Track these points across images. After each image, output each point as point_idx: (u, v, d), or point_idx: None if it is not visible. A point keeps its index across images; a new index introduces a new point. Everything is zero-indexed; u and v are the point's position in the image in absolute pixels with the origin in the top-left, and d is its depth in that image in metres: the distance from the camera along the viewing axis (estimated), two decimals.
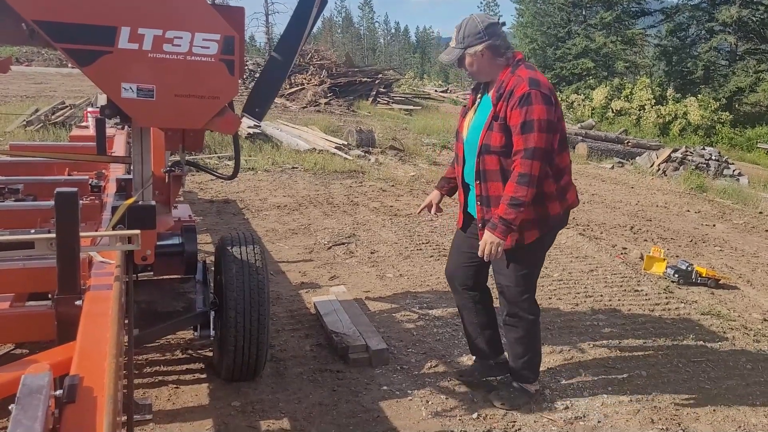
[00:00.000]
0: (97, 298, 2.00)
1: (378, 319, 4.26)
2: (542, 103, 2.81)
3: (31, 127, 10.50)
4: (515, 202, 2.82)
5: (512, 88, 2.86)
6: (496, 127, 2.88)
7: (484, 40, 2.92)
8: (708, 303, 5.13)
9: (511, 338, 3.25)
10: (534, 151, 2.79)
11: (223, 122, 2.44)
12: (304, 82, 19.71)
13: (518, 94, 2.82)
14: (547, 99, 2.83)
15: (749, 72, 32.97)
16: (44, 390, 1.30)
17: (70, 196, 1.94)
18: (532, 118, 2.79)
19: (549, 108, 2.82)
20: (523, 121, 2.80)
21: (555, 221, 3.06)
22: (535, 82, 2.84)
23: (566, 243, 6.58)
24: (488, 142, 2.91)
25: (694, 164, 14.13)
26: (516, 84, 2.86)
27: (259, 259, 3.09)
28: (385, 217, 7.04)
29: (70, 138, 5.69)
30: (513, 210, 2.83)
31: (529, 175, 2.81)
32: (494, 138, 2.89)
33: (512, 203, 2.83)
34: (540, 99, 2.81)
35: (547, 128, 2.81)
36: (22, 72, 20.95)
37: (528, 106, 2.79)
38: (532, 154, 2.79)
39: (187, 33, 2.24)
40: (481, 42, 2.92)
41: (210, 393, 3.15)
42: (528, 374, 3.30)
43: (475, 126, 3.04)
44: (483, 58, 2.95)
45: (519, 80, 2.86)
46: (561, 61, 40.31)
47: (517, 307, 3.15)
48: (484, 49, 2.92)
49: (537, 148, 2.80)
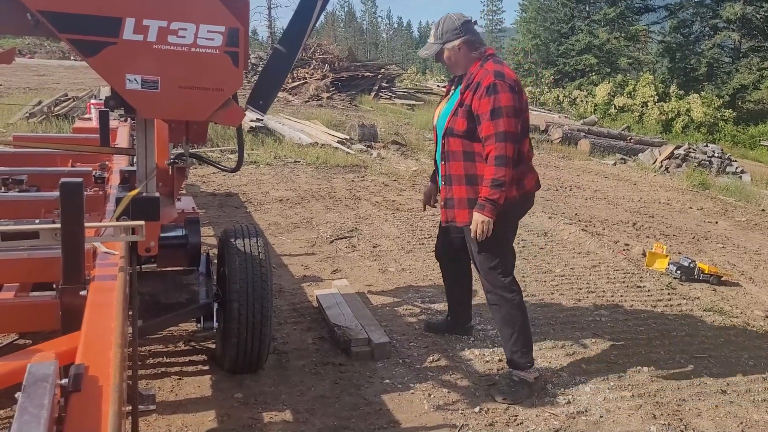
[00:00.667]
0: (101, 288, 2.00)
1: (380, 312, 4.26)
2: (508, 92, 3.10)
3: (34, 119, 10.50)
4: (496, 182, 3.10)
5: (479, 79, 3.16)
6: (461, 113, 3.20)
7: (461, 35, 3.25)
8: (710, 300, 5.13)
9: (497, 320, 3.43)
10: (505, 134, 3.08)
11: (227, 114, 2.44)
12: (306, 76, 19.69)
13: (485, 84, 3.12)
14: (512, 88, 3.13)
15: (753, 69, 32.86)
16: (50, 378, 1.30)
17: (74, 187, 1.94)
18: (500, 105, 3.08)
19: (514, 96, 3.12)
20: (492, 108, 3.08)
21: (511, 204, 3.24)
22: (500, 74, 3.14)
23: (568, 239, 6.58)
24: (452, 126, 3.23)
25: (697, 161, 14.10)
26: (483, 76, 3.16)
27: (262, 251, 3.10)
28: (388, 212, 7.04)
29: (73, 130, 5.69)
30: (496, 190, 3.10)
31: (505, 156, 3.09)
32: (458, 123, 3.21)
33: (494, 184, 3.10)
34: (506, 88, 3.10)
35: (514, 114, 3.11)
36: (25, 64, 20.95)
37: (496, 95, 3.09)
38: (504, 137, 3.08)
39: (191, 24, 2.23)
40: (458, 37, 3.25)
41: (213, 384, 3.16)
42: (521, 359, 3.35)
43: (444, 112, 3.36)
44: (460, 52, 3.27)
45: (486, 72, 3.16)
46: (564, 57, 40.22)
47: (495, 287, 3.34)
48: (460, 44, 3.25)
49: (507, 131, 3.09)
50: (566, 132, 16.57)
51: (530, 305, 4.60)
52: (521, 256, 5.83)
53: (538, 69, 41.84)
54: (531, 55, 43.82)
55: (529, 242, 6.32)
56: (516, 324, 3.34)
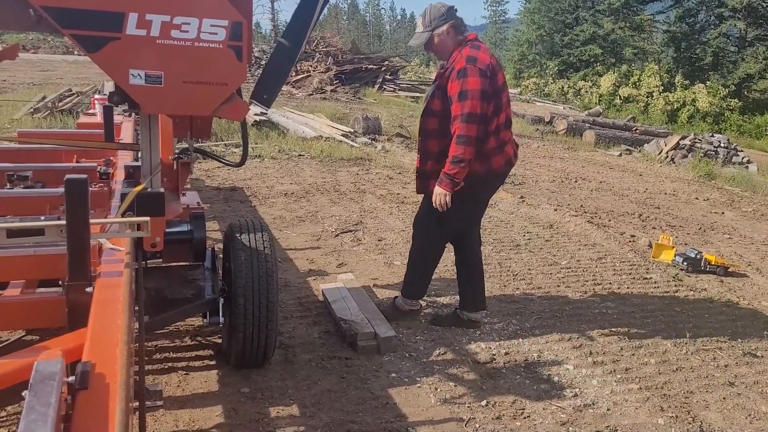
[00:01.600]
0: (107, 285, 2.00)
1: (386, 306, 4.25)
2: (477, 76, 3.34)
3: (39, 115, 10.51)
4: (456, 159, 3.39)
5: (454, 64, 3.42)
6: (437, 93, 3.53)
7: (448, 20, 3.50)
8: (717, 291, 5.11)
9: (462, 271, 3.94)
10: (469, 116, 3.34)
11: (231, 109, 2.43)
12: (310, 69, 19.65)
13: (457, 68, 3.37)
14: (482, 72, 3.36)
15: (759, 58, 32.64)
16: (57, 376, 1.30)
17: (79, 183, 1.93)
18: (467, 88, 3.33)
19: (483, 80, 3.35)
20: (460, 91, 3.34)
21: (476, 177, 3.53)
22: (473, 59, 3.38)
23: (574, 230, 6.56)
24: (430, 106, 3.58)
25: (703, 151, 14.04)
26: (457, 60, 3.42)
27: (267, 246, 3.09)
28: (392, 205, 7.03)
29: (78, 125, 5.68)
30: (455, 166, 3.40)
31: (466, 136, 3.36)
32: (435, 103, 3.55)
33: (453, 161, 3.40)
34: (475, 72, 3.34)
35: (481, 96, 3.35)
36: (29, 59, 20.98)
37: (464, 78, 3.34)
38: (467, 119, 3.34)
39: (195, 19, 2.22)
40: (445, 22, 3.50)
41: (219, 379, 3.16)
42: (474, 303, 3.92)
43: (427, 95, 3.71)
44: (448, 36, 3.52)
45: (460, 57, 3.42)
46: (568, 48, 40.05)
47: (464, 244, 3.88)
48: (448, 28, 3.50)
49: (471, 113, 3.34)
50: (571, 123, 16.52)
51: (536, 297, 4.60)
52: (527, 248, 5.82)
53: (542, 60, 41.71)
54: (535, 46, 43.68)
55: (534, 234, 6.30)
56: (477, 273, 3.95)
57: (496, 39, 79.66)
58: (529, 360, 3.64)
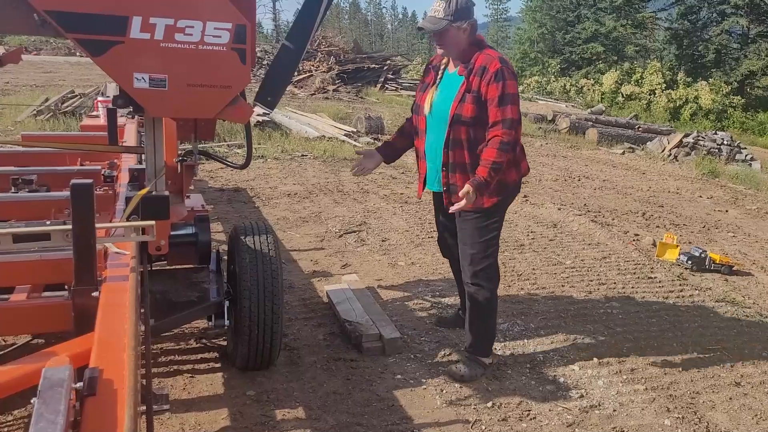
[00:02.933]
0: (113, 289, 2.00)
1: (390, 307, 4.26)
2: (513, 79, 3.12)
3: (42, 117, 10.53)
4: (496, 165, 3.07)
5: (484, 64, 3.11)
6: (469, 99, 3.12)
7: (470, 17, 3.18)
8: (722, 290, 5.09)
9: (470, 306, 3.43)
10: (512, 121, 3.08)
11: (236, 111, 2.42)
12: (312, 69, 19.65)
13: (492, 70, 3.08)
14: (515, 75, 3.17)
15: (761, 55, 32.57)
16: (65, 383, 1.30)
17: (85, 188, 1.94)
18: (508, 92, 3.08)
19: (516, 83, 3.16)
20: (501, 95, 3.06)
21: (512, 187, 3.34)
22: (504, 60, 3.15)
23: (578, 230, 6.55)
24: (460, 112, 3.14)
25: (706, 149, 14.01)
26: (487, 62, 3.12)
27: (272, 248, 3.09)
28: (396, 205, 7.02)
29: (81, 127, 5.70)
30: (494, 173, 3.08)
31: (510, 143, 3.08)
32: (466, 109, 3.13)
33: (493, 167, 3.07)
34: (511, 75, 3.12)
35: (517, 101, 3.14)
36: (31, 61, 21.00)
37: (504, 81, 3.07)
38: (511, 125, 3.08)
39: (198, 22, 2.21)
40: (467, 19, 3.15)
41: (225, 382, 3.16)
42: (484, 347, 3.48)
43: (443, 98, 3.25)
44: (464, 34, 3.17)
45: (489, 58, 3.13)
46: (570, 46, 40.03)
47: (478, 275, 3.33)
48: (467, 26, 3.16)
49: (513, 119, 3.09)
50: (574, 121, 16.50)
51: (541, 298, 4.59)
52: (531, 248, 5.81)
53: (544, 58, 41.68)
54: (537, 44, 43.64)
55: (538, 234, 6.29)
56: (487, 314, 3.42)
57: (497, 37, 79.55)
58: (535, 361, 3.64)
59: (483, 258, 3.30)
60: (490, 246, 3.32)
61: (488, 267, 3.32)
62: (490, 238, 3.30)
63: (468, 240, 3.32)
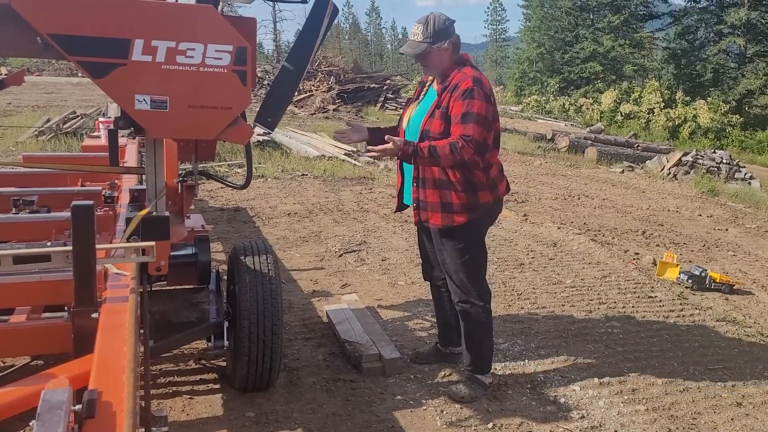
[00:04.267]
0: (113, 310, 2.00)
1: (391, 327, 4.25)
2: (482, 100, 3.08)
3: (43, 137, 10.58)
4: (436, 153, 3.00)
5: (457, 82, 3.13)
6: (438, 114, 3.16)
7: (450, 36, 3.20)
8: (723, 309, 5.08)
9: (464, 326, 3.41)
10: (471, 139, 3.03)
11: (236, 132, 2.44)
12: (312, 88, 19.77)
13: (462, 88, 3.09)
14: (487, 97, 3.11)
15: (759, 74, 32.74)
16: (64, 406, 1.30)
17: (86, 209, 1.95)
18: (473, 110, 3.05)
19: (487, 105, 3.10)
20: (464, 112, 3.06)
21: (484, 208, 3.28)
22: (478, 80, 3.12)
23: (578, 249, 6.55)
24: (429, 128, 3.17)
25: (705, 167, 14.03)
26: (461, 79, 3.13)
27: (272, 268, 3.09)
28: (396, 224, 7.03)
29: (82, 148, 5.72)
30: (429, 157, 3.01)
31: (462, 152, 3.00)
32: (435, 124, 3.16)
33: (433, 152, 3.00)
34: (481, 96, 3.08)
35: (484, 123, 3.08)
36: (33, 82, 21.13)
37: (470, 100, 3.06)
38: (467, 141, 3.03)
39: (199, 44, 2.24)
40: (447, 38, 3.18)
41: (224, 403, 3.15)
42: (484, 364, 3.46)
43: (418, 114, 3.31)
44: (446, 54, 3.21)
45: (464, 76, 3.14)
46: (569, 65, 40.29)
47: (466, 293, 3.32)
48: (449, 45, 3.19)
49: (474, 138, 3.03)
50: (573, 140, 16.56)
51: (541, 317, 4.58)
52: (531, 267, 5.80)
53: (543, 77, 41.92)
54: (536, 64, 43.92)
55: (538, 253, 6.29)
56: (483, 331, 3.40)
57: (497, 57, 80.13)
58: (535, 381, 3.62)
59: (467, 278, 3.30)
60: (473, 265, 3.30)
61: (475, 286, 3.32)
62: (470, 259, 3.28)
63: (449, 263, 3.32)
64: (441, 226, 3.24)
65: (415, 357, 3.79)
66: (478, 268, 3.36)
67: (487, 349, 3.46)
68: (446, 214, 3.21)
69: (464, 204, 3.19)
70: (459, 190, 3.17)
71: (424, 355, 3.79)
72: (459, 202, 3.19)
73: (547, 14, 43.77)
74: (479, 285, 3.35)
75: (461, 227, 3.22)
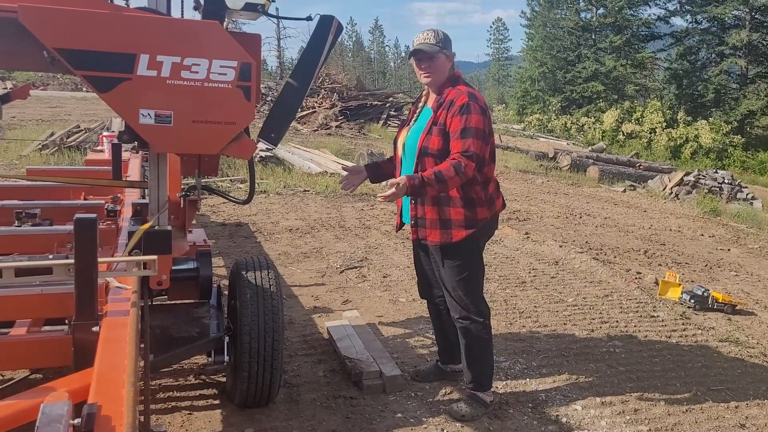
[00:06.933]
0: (114, 324, 2.00)
1: (391, 344, 4.23)
2: (479, 114, 3.12)
3: (47, 151, 10.63)
4: (443, 177, 3.00)
5: (453, 98, 3.18)
6: (435, 131, 3.18)
7: (451, 50, 3.30)
8: (725, 329, 5.05)
9: (464, 342, 3.39)
10: (473, 154, 3.06)
11: (239, 148, 2.45)
12: (315, 105, 19.88)
13: (459, 103, 3.13)
14: (483, 111, 3.16)
15: (760, 95, 32.94)
16: (63, 419, 1.30)
17: (88, 223, 1.95)
18: (471, 125, 3.09)
19: (484, 119, 3.14)
20: (463, 128, 3.09)
21: (482, 224, 3.27)
22: (473, 96, 3.19)
23: (580, 267, 6.54)
24: (427, 144, 3.20)
25: (707, 188, 14.06)
26: (456, 96, 3.18)
27: (273, 284, 3.08)
28: (398, 241, 7.02)
29: (86, 162, 5.74)
30: (437, 184, 3.01)
31: (465, 170, 3.02)
32: (432, 141, 3.18)
33: (439, 177, 3.00)
34: (477, 110, 3.12)
35: (482, 137, 3.11)
36: (38, 96, 21.26)
37: (468, 115, 3.10)
38: (470, 156, 3.05)
39: (204, 60, 2.26)
40: (450, 50, 3.29)
41: (223, 419, 3.13)
42: (485, 381, 3.43)
43: (415, 131, 3.33)
44: (448, 64, 3.29)
45: (459, 93, 3.19)
46: (571, 85, 40.51)
47: (466, 309, 3.31)
48: (452, 56, 3.30)
49: (475, 152, 3.07)
50: (575, 159, 16.60)
51: (543, 336, 4.56)
52: (533, 285, 5.79)
53: (545, 96, 42.13)
54: (538, 83, 44.16)
55: (540, 271, 6.28)
56: (482, 348, 3.38)
57: (499, 76, 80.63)
58: (537, 400, 3.60)
59: (466, 294, 3.29)
60: (471, 282, 3.30)
61: (474, 302, 3.31)
62: (468, 276, 3.28)
63: (447, 280, 3.31)
64: (440, 243, 3.24)
65: (415, 375, 3.76)
66: (476, 284, 3.36)
67: (488, 366, 3.44)
68: (445, 231, 3.21)
69: (463, 220, 3.19)
70: (458, 206, 3.18)
71: (424, 373, 3.76)
72: (458, 219, 3.19)
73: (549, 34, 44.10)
74: (477, 301, 3.34)
75: (460, 244, 3.22)
